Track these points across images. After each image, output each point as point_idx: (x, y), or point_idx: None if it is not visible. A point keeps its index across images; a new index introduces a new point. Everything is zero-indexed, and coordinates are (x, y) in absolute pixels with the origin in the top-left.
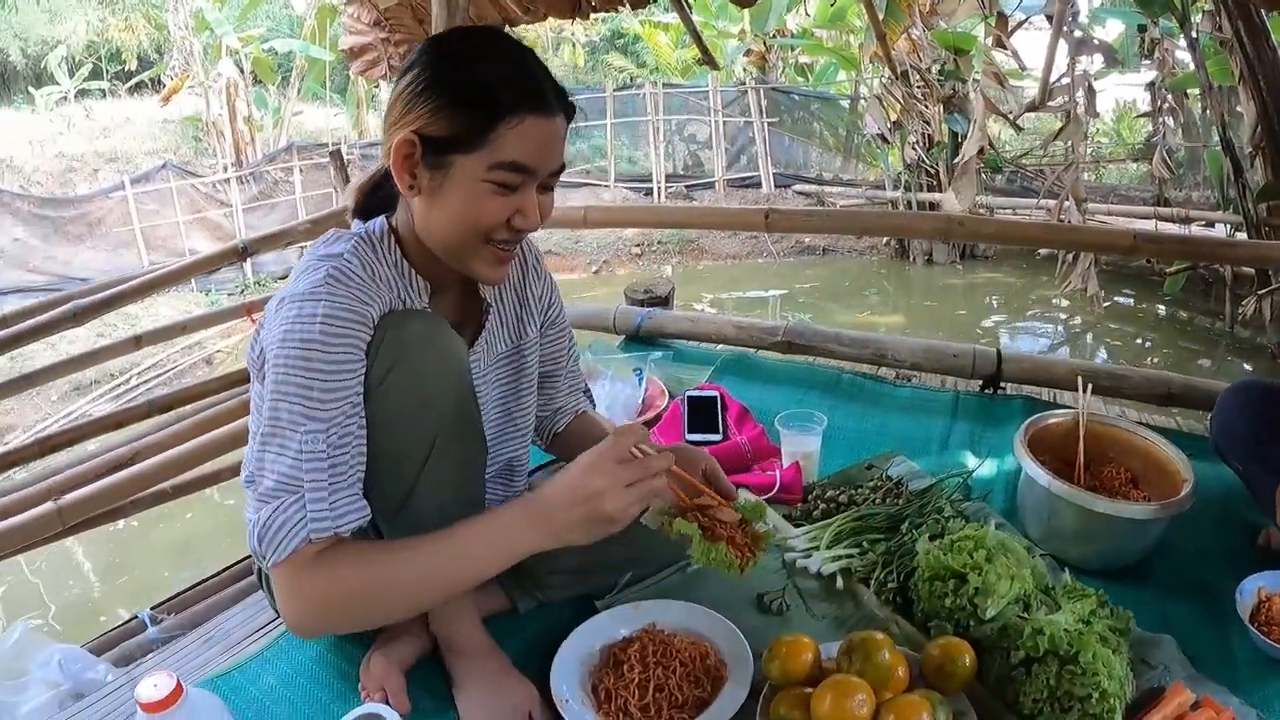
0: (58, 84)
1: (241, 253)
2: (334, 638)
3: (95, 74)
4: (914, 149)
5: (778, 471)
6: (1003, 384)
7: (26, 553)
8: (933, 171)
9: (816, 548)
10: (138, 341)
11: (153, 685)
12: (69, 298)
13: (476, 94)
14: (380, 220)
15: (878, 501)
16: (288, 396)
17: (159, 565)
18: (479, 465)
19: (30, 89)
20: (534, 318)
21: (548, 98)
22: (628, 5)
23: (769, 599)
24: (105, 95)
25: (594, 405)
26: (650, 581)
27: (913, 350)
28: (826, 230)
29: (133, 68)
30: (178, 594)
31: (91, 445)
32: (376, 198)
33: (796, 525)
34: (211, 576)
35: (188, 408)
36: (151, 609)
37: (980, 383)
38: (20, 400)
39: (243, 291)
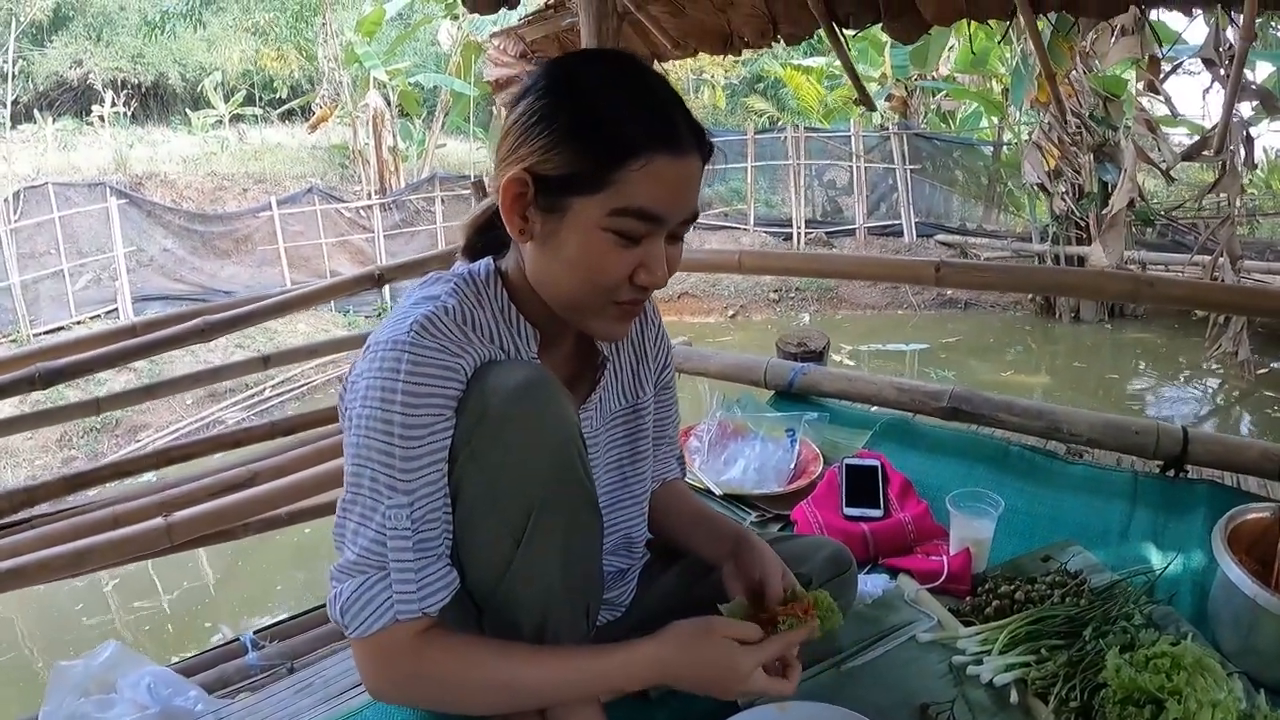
0: (214, 108)
1: (377, 280)
2: None
3: (249, 100)
4: (1063, 199)
5: (945, 557)
6: (1185, 466)
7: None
8: (1082, 223)
9: (988, 652)
10: (265, 362)
11: None
12: (199, 312)
13: (599, 128)
14: (486, 262)
15: (1056, 601)
16: (369, 462)
17: (273, 576)
18: (592, 541)
19: (188, 111)
20: (651, 375)
21: (682, 135)
22: (780, 41)
23: (934, 710)
24: (258, 120)
25: (684, 472)
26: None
27: (1091, 424)
28: (1000, 288)
29: (284, 95)
30: (280, 621)
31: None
32: (488, 237)
33: (965, 622)
34: (317, 607)
35: (311, 432)
36: (255, 634)
37: (1160, 464)
38: (156, 401)
39: (379, 315)
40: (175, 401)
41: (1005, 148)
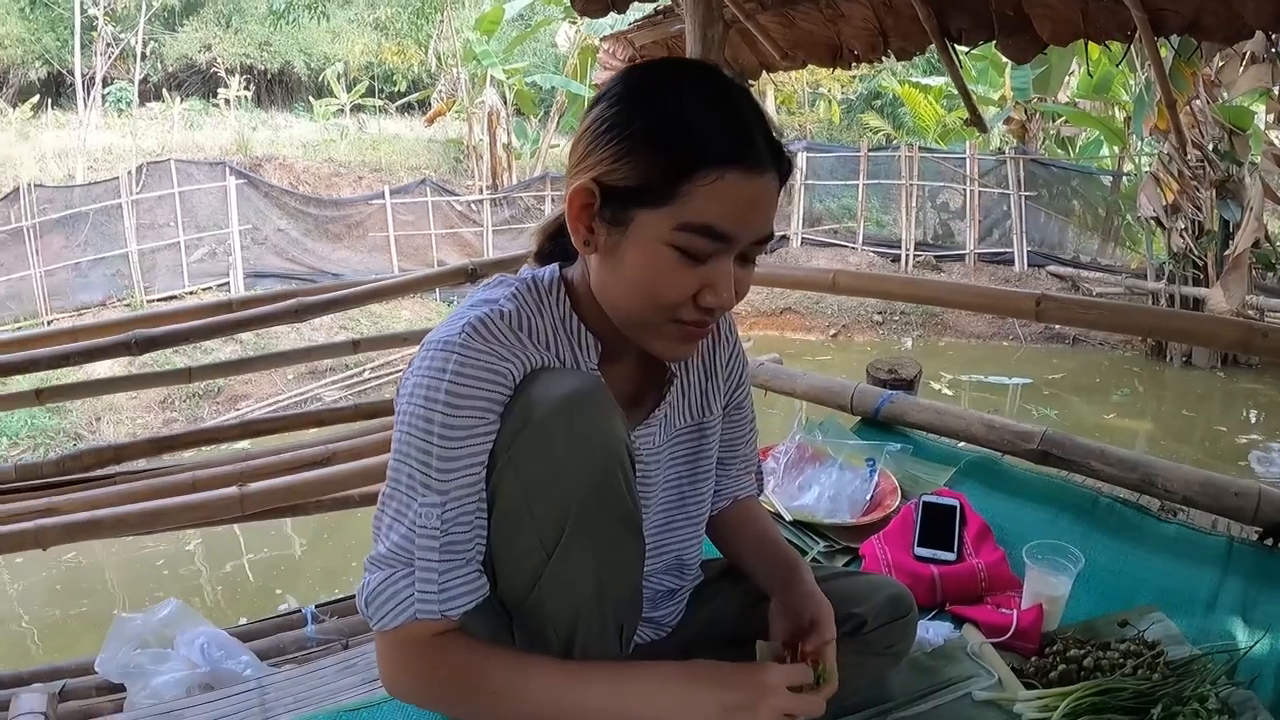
0: (336, 97)
1: (470, 274)
2: None
3: (370, 91)
4: (1182, 236)
5: (1015, 611)
6: None
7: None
8: (1200, 263)
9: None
10: (355, 346)
11: None
12: (294, 293)
13: (669, 138)
14: (552, 268)
15: (1127, 672)
16: (408, 459)
17: (353, 552)
18: (629, 562)
19: (311, 99)
20: (719, 393)
21: (757, 150)
22: (891, 55)
23: None
24: (378, 111)
25: (762, 489)
26: None
27: (1188, 481)
28: (1105, 327)
29: (403, 89)
30: (344, 598)
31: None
32: (559, 244)
33: (1026, 684)
34: None
35: (390, 418)
36: (317, 607)
37: (1259, 530)
38: (259, 374)
39: None
40: (278, 375)
41: (1125, 178)
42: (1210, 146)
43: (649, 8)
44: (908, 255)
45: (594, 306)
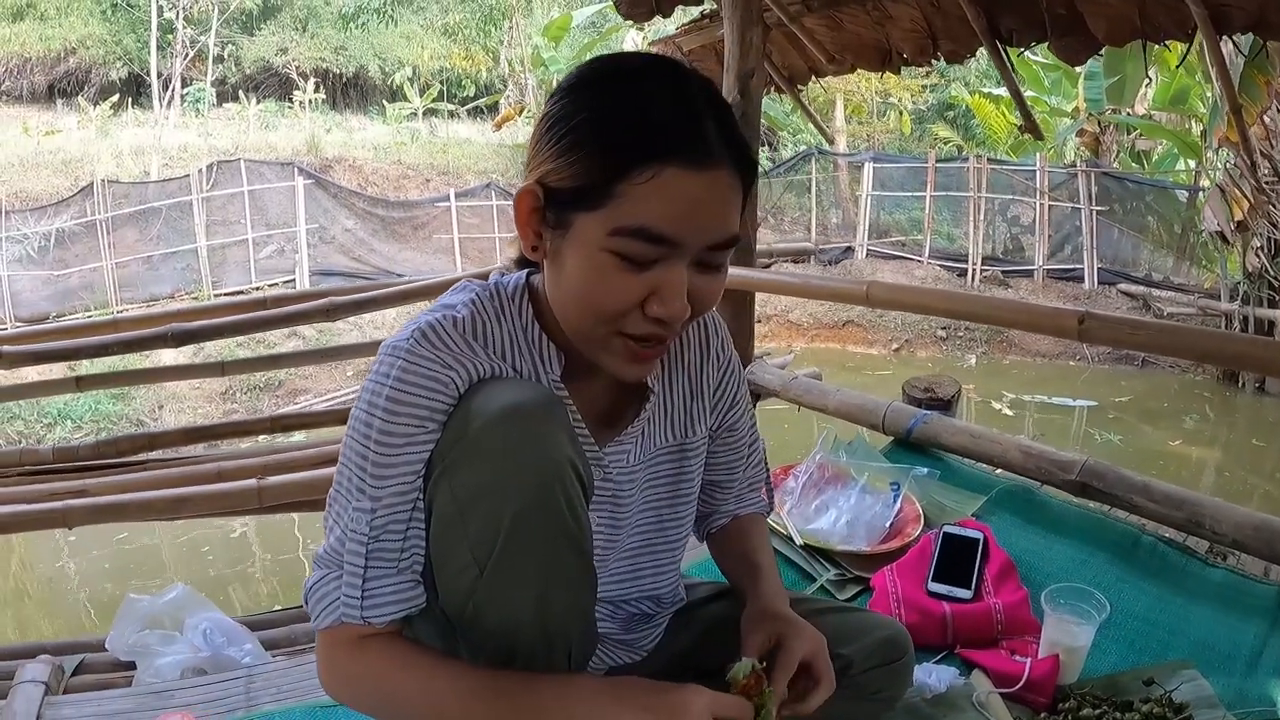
0: (409, 101)
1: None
2: None
3: (441, 96)
4: (1257, 255)
5: (1030, 660)
6: None
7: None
8: (1276, 283)
9: None
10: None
11: None
12: (325, 293)
13: (602, 132)
14: (519, 275)
15: None
16: (349, 462)
17: None
18: (577, 583)
19: (385, 103)
20: (706, 413)
21: (705, 144)
22: (941, 58)
23: None
24: (449, 116)
25: (770, 507)
26: None
27: (1239, 524)
28: (1152, 349)
29: (472, 94)
30: None
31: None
32: None
33: None
34: None
35: None
36: None
37: None
38: (323, 368)
39: None
40: (337, 371)
41: (1201, 194)
42: None
43: (695, 11)
44: (974, 270)
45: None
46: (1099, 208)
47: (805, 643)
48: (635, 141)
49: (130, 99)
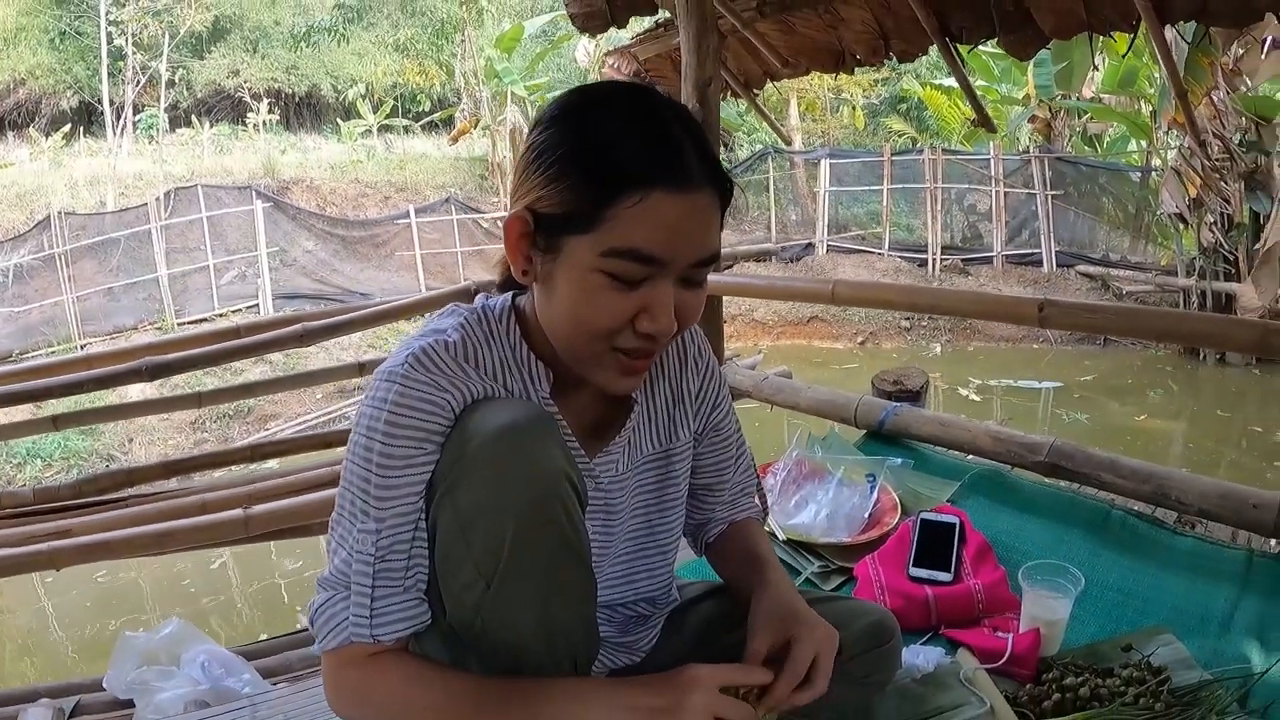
0: (363, 118)
1: (473, 295)
2: None
3: (395, 112)
4: (1211, 231)
5: (1011, 636)
6: None
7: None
8: (1231, 257)
9: None
10: (361, 368)
11: None
12: (299, 318)
13: (590, 161)
14: (505, 297)
15: (1128, 701)
16: (351, 486)
17: None
18: (577, 595)
19: (339, 121)
20: (689, 419)
21: (687, 169)
22: (893, 58)
23: None
24: (405, 131)
25: (765, 512)
26: None
27: (1204, 493)
28: (1112, 332)
29: (426, 108)
30: None
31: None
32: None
33: (1020, 713)
34: None
35: None
36: None
37: None
38: (292, 392)
39: None
40: (306, 395)
41: (1154, 174)
42: (1237, 138)
43: (650, 21)
44: (934, 260)
45: (545, 335)
46: (1054, 192)
47: (814, 644)
48: (623, 169)
49: (82, 128)
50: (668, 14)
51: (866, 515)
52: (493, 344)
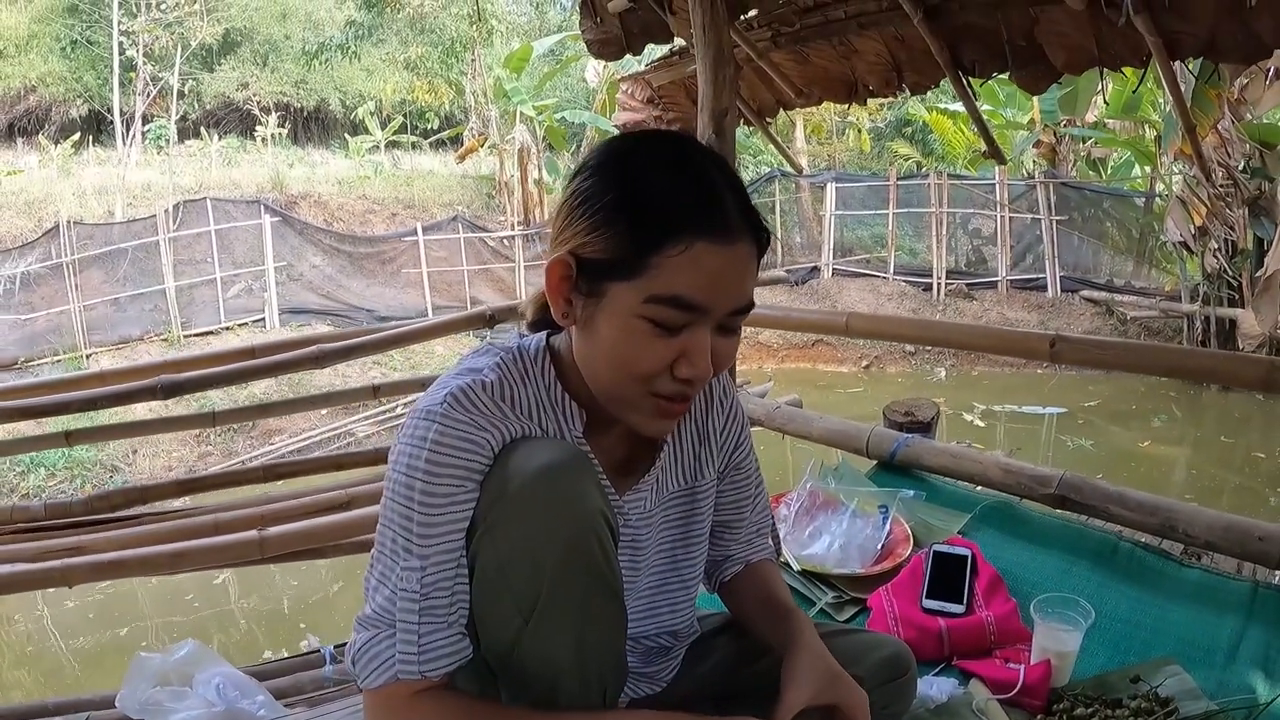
0: (371, 134)
1: (489, 320)
2: None
3: (404, 128)
4: (1215, 256)
5: (1023, 667)
6: None
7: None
8: (1235, 283)
9: None
10: (375, 391)
11: None
12: (315, 340)
13: (636, 210)
14: (539, 337)
15: None
16: (391, 524)
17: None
18: (610, 630)
19: (347, 136)
20: (714, 457)
21: (729, 220)
22: (906, 90)
23: None
24: (411, 148)
25: (778, 553)
26: None
27: (1210, 525)
28: (1121, 367)
29: (435, 126)
30: None
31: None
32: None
33: None
34: None
35: None
36: (335, 647)
37: None
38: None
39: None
40: (311, 412)
41: (1158, 199)
42: (1240, 165)
43: (666, 48)
44: (939, 284)
45: (579, 375)
46: (1059, 217)
47: (864, 712)
48: (667, 219)
49: (91, 137)
50: (683, 42)
51: (879, 546)
52: (528, 383)
